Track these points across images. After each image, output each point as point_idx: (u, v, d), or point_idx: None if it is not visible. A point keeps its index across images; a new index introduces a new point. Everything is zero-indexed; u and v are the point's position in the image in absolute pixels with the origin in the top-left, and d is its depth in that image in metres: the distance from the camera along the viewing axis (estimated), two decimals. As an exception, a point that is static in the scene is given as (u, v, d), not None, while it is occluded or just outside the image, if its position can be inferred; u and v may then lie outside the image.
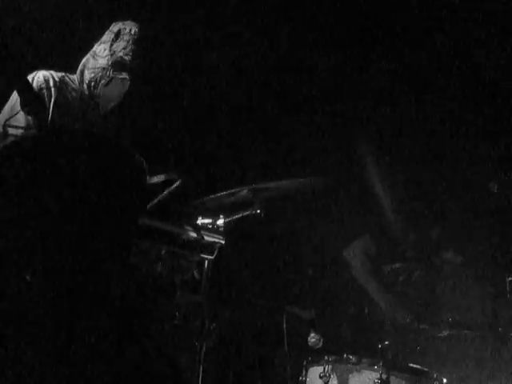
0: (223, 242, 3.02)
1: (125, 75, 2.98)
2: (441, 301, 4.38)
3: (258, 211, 3.30)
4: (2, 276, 2.47)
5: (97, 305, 2.50)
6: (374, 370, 3.32)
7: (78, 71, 3.06)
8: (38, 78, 2.90)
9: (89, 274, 2.41)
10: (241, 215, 3.29)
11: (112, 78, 2.98)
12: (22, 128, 2.80)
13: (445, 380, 3.40)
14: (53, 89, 2.92)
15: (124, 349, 2.65)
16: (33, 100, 2.48)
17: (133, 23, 3.05)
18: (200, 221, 3.06)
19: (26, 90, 2.48)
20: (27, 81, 2.57)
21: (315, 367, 3.49)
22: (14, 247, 2.30)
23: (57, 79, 2.98)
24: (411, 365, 3.45)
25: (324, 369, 3.40)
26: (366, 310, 4.46)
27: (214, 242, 2.99)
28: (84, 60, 3.07)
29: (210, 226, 3.05)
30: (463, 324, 4.15)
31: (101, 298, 2.51)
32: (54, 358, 2.40)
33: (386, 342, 3.86)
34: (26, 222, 2.27)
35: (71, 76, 3.07)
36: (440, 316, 4.24)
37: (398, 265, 4.45)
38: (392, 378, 3.28)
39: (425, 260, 4.48)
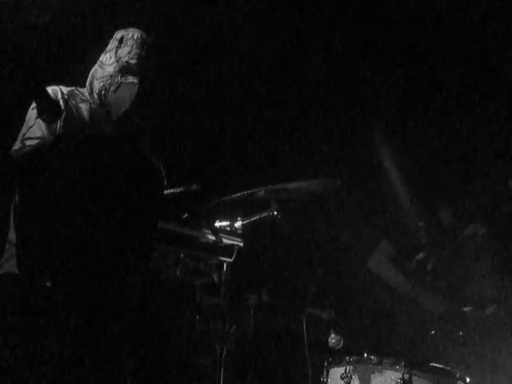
0: (242, 244, 3.02)
1: (132, 79, 3.00)
2: (475, 277, 4.33)
3: (275, 212, 3.29)
4: (23, 283, 2.48)
5: (117, 309, 2.50)
6: (396, 370, 3.29)
7: (88, 83, 3.10)
8: None
9: (109, 280, 2.41)
10: (258, 217, 3.29)
11: (120, 83, 3.00)
12: (37, 138, 2.84)
13: (468, 379, 3.37)
14: (61, 101, 2.95)
15: (145, 352, 2.65)
16: (50, 107, 2.49)
17: (135, 29, 3.09)
18: (218, 223, 3.05)
19: (43, 97, 2.49)
20: (44, 89, 2.58)
21: (336, 368, 3.47)
22: (35, 254, 2.31)
23: (65, 92, 3.02)
24: (433, 364, 3.42)
25: (345, 369, 3.38)
26: (386, 309, 4.43)
27: (233, 244, 2.99)
28: (92, 71, 3.10)
29: (228, 228, 3.05)
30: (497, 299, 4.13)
31: (121, 303, 2.51)
32: (76, 362, 2.41)
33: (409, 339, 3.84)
34: (46, 229, 2.27)
35: (81, 89, 3.11)
36: (480, 293, 4.22)
37: (420, 255, 4.40)
38: (414, 378, 3.26)
39: (444, 241, 4.41)
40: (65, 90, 3.04)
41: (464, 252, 4.38)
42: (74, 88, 3.09)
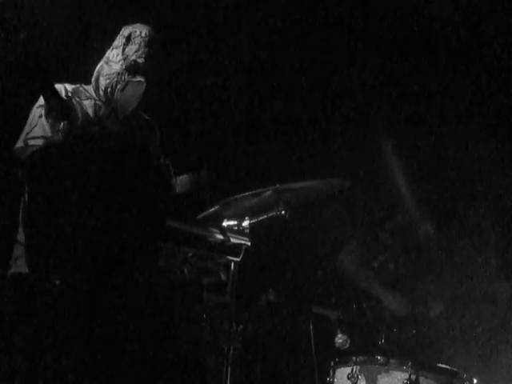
0: (249, 243, 3.01)
1: (140, 78, 2.98)
2: (430, 279, 4.41)
3: (283, 212, 3.29)
4: (32, 281, 2.49)
5: (125, 308, 2.51)
6: (403, 371, 3.29)
7: (93, 79, 3.07)
8: None
9: (117, 278, 2.41)
10: (266, 216, 3.28)
11: (128, 82, 2.99)
12: (39, 138, 2.84)
13: (475, 380, 3.36)
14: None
15: (152, 350, 2.66)
16: (60, 106, 2.50)
17: (143, 26, 3.06)
18: (226, 223, 3.05)
19: (53, 97, 2.50)
20: (54, 88, 2.58)
21: (343, 368, 3.46)
22: (44, 252, 2.32)
23: (69, 89, 3.01)
24: (440, 365, 3.41)
25: (352, 370, 3.38)
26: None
27: (240, 243, 2.99)
28: (98, 67, 3.08)
29: (236, 227, 3.05)
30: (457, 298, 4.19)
31: (129, 301, 2.52)
32: (84, 360, 2.42)
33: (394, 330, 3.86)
34: (54, 228, 2.28)
35: (86, 86, 3.09)
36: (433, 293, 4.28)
37: (382, 257, 4.44)
38: (421, 379, 3.25)
39: (403, 243, 4.49)
40: (69, 87, 3.02)
41: (418, 253, 4.45)
42: (78, 85, 3.07)
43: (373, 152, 5.01)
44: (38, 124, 2.85)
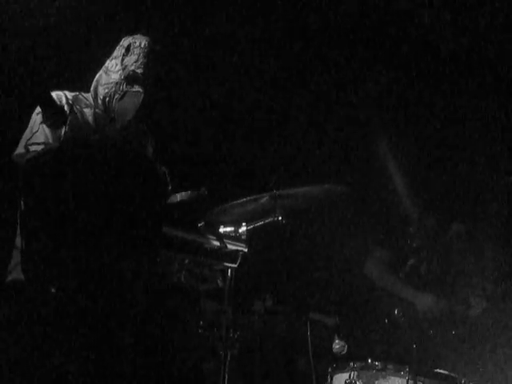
0: (246, 249, 3.01)
1: (138, 88, 3.00)
2: (466, 275, 4.41)
3: (280, 218, 3.29)
4: (28, 288, 2.49)
5: (122, 315, 2.51)
6: (401, 376, 3.30)
7: (92, 88, 3.10)
8: None
9: (113, 285, 2.41)
10: (262, 222, 3.29)
11: (125, 91, 3.01)
12: (41, 144, 2.85)
13: (473, 385, 3.37)
14: (65, 106, 2.96)
15: (149, 357, 2.65)
16: (56, 114, 2.50)
17: (143, 37, 3.09)
18: (222, 229, 3.05)
19: (49, 105, 2.50)
20: (50, 96, 2.59)
21: (340, 374, 3.47)
22: (40, 259, 2.32)
23: (70, 97, 3.03)
24: (438, 370, 3.41)
25: (350, 376, 3.39)
26: (391, 315, 4.43)
27: (237, 250, 2.98)
28: (97, 76, 3.10)
29: (233, 234, 3.05)
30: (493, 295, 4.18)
31: (126, 308, 2.52)
32: (81, 367, 2.42)
33: (414, 346, 3.84)
34: (50, 235, 2.28)
35: (85, 94, 3.12)
36: (470, 291, 4.27)
37: (412, 260, 4.44)
38: (419, 385, 3.26)
39: (432, 244, 4.48)
40: (69, 94, 3.04)
41: (451, 253, 4.46)
42: (78, 93, 3.09)
43: (374, 158, 5.02)
44: (39, 130, 2.86)
